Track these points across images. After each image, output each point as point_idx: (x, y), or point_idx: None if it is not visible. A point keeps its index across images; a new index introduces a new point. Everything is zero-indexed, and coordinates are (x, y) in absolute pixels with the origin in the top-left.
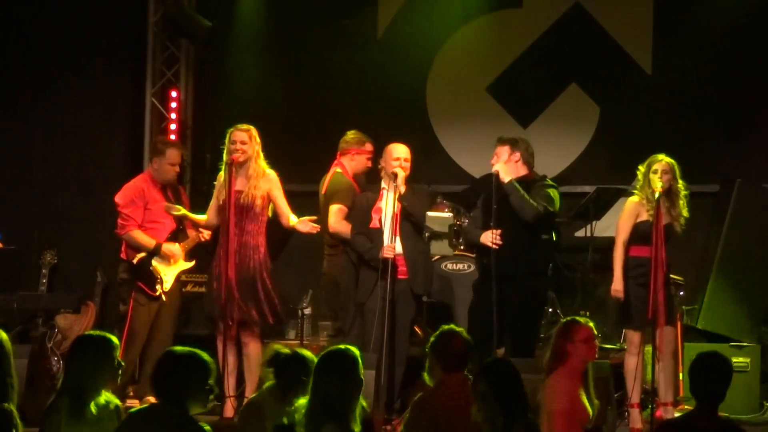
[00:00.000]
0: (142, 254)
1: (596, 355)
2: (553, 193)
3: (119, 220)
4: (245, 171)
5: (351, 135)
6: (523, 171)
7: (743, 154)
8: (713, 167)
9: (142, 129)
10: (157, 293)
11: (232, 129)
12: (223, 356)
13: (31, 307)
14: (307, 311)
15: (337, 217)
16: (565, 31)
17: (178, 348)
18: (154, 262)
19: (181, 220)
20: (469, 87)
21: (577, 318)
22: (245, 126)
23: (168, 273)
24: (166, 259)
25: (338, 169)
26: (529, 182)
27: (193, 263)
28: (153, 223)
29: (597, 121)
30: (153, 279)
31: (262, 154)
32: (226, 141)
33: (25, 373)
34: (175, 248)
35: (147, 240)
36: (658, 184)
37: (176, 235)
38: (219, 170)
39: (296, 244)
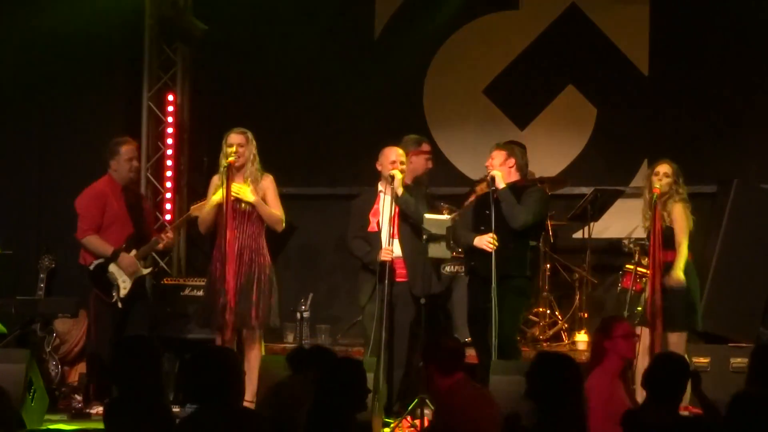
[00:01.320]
0: (100, 260)
1: (635, 354)
2: (541, 199)
3: (78, 223)
4: (243, 174)
5: (406, 137)
6: (514, 177)
7: (740, 154)
8: (710, 168)
9: (139, 133)
10: (113, 299)
11: (228, 132)
12: None
13: (29, 312)
14: (306, 314)
15: None
16: (562, 33)
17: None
18: (111, 268)
19: (140, 224)
20: (466, 89)
21: (616, 316)
22: (241, 129)
23: (125, 279)
24: (123, 267)
25: None
26: (519, 188)
27: (150, 269)
28: (111, 227)
29: (594, 122)
30: (109, 285)
31: (258, 157)
32: (223, 144)
33: (23, 379)
34: (129, 259)
35: (104, 246)
36: (656, 186)
37: (134, 240)
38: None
39: (295, 246)
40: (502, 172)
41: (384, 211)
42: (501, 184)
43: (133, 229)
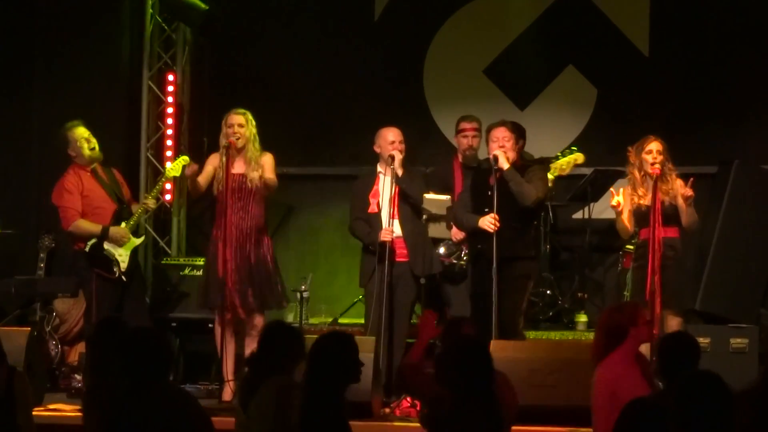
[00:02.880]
0: (93, 240)
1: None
2: (545, 176)
3: (60, 215)
4: (244, 155)
5: None
6: (515, 157)
7: (741, 135)
8: (711, 148)
9: (139, 113)
10: (116, 275)
11: (228, 113)
12: (221, 340)
13: (29, 292)
14: (306, 294)
15: None
16: (562, 13)
17: None
18: (106, 246)
19: (121, 200)
20: (466, 69)
21: (636, 302)
22: (241, 110)
23: (122, 253)
24: (116, 240)
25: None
26: (520, 168)
27: (143, 238)
28: (95, 209)
29: (594, 103)
30: (109, 262)
31: (257, 137)
32: (222, 125)
33: (23, 358)
34: (121, 231)
35: (93, 226)
36: (656, 166)
37: (120, 215)
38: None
39: (295, 226)
40: (512, 154)
41: (384, 192)
42: (505, 164)
43: (117, 205)
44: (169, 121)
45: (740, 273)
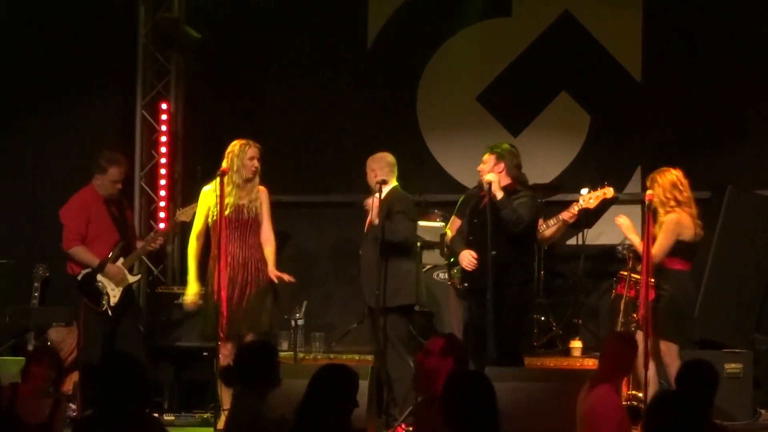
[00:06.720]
0: (87, 269)
1: None
2: (532, 205)
3: (64, 234)
4: (251, 186)
5: None
6: (505, 181)
7: (734, 160)
8: (704, 174)
9: (133, 141)
10: (103, 308)
11: (245, 144)
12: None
13: (23, 321)
14: (301, 322)
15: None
16: (555, 40)
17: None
18: (99, 278)
19: (125, 233)
20: (460, 96)
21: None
22: (257, 143)
23: (114, 288)
24: (111, 277)
25: None
26: (509, 193)
27: (138, 277)
28: (97, 237)
29: (587, 129)
30: (98, 295)
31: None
32: (239, 153)
33: None
34: (116, 269)
35: (91, 257)
36: (649, 192)
37: (121, 249)
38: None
39: (289, 254)
40: (492, 176)
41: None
42: (499, 192)
43: (119, 237)
44: (163, 149)
45: (734, 298)
